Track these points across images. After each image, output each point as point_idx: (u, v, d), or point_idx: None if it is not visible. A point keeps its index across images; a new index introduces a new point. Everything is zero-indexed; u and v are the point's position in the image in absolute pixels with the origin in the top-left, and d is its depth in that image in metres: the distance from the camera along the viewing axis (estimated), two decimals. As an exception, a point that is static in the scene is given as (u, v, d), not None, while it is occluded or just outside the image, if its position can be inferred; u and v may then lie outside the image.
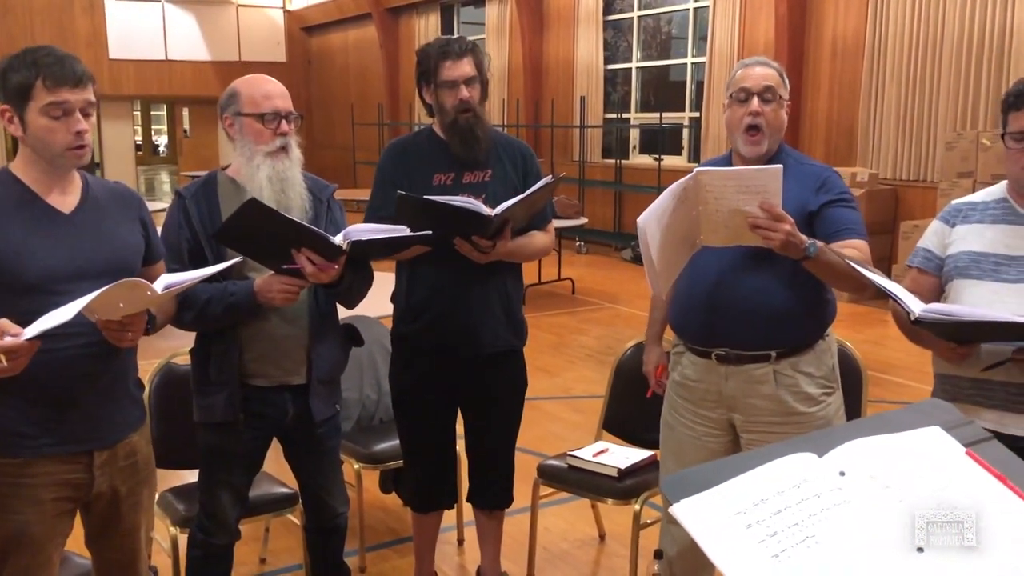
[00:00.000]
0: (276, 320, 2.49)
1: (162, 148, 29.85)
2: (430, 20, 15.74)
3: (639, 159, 11.91)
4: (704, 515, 1.04)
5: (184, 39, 18.49)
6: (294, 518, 3.05)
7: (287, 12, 19.67)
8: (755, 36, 9.77)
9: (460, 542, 3.59)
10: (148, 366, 2.79)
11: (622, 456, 3.16)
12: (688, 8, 11.10)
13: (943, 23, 7.99)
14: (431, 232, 2.46)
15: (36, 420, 1.99)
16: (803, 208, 2.36)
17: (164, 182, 23.76)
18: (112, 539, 2.20)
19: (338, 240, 2.31)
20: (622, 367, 3.40)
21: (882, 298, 2.13)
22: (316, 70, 19.78)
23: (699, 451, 2.52)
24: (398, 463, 3.28)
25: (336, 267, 2.34)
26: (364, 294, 2.62)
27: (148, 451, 2.25)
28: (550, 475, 3.24)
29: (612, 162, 11.94)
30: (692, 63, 11.18)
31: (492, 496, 3.03)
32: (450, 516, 3.37)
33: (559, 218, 8.26)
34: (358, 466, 3.35)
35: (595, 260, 11.00)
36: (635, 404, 3.15)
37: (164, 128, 29.73)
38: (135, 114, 22.64)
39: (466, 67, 2.71)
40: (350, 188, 13.59)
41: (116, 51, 17.77)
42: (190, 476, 2.85)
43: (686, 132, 11.29)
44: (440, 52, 2.72)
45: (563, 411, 5.29)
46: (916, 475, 1.09)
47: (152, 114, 29.34)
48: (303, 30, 19.77)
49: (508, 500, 3.05)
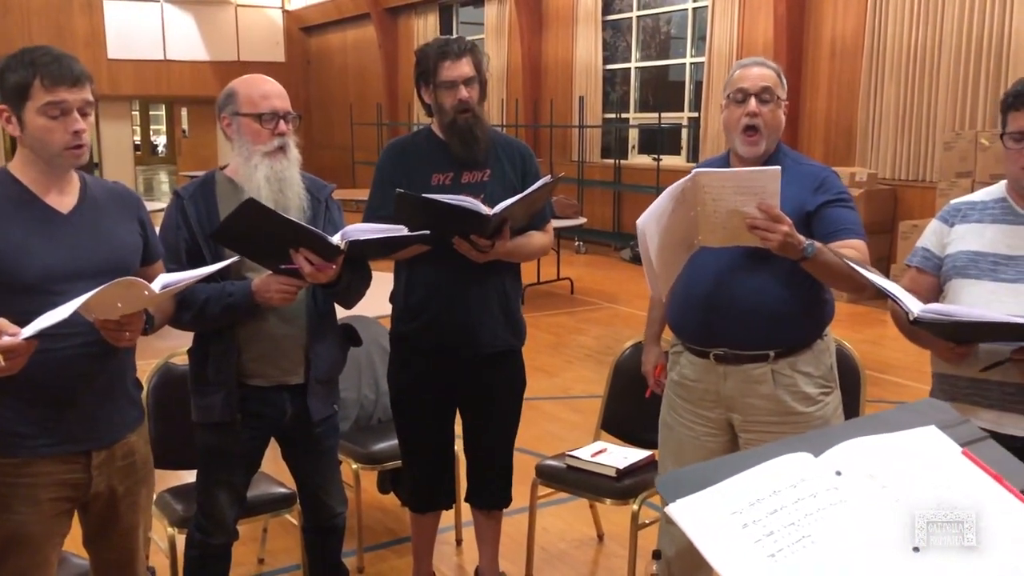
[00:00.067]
0: (274, 320, 2.49)
1: (161, 148, 29.84)
2: (429, 20, 15.74)
3: (638, 159, 11.91)
4: (700, 515, 1.04)
5: (183, 39, 18.48)
6: (292, 518, 3.05)
7: (286, 12, 19.67)
8: (754, 36, 9.78)
9: (458, 542, 3.59)
10: (146, 366, 2.79)
11: (620, 456, 3.16)
12: (687, 8, 11.11)
13: (942, 23, 7.99)
14: (429, 232, 2.46)
15: (34, 420, 1.99)
16: (801, 208, 2.36)
17: (163, 182, 23.76)
18: (110, 539, 2.20)
19: (336, 240, 2.31)
20: (621, 367, 3.40)
21: (881, 298, 2.14)
22: (315, 70, 19.78)
23: (698, 451, 2.52)
24: (396, 463, 3.28)
25: (334, 267, 2.34)
26: (362, 294, 2.62)
27: (146, 451, 2.25)
28: (548, 475, 3.24)
29: (611, 162, 11.94)
30: (691, 63, 11.19)
31: (490, 496, 3.03)
32: (448, 516, 3.37)
33: (558, 218, 8.26)
34: (356, 466, 3.35)
35: (594, 260, 11.01)
36: (634, 404, 3.15)
37: (163, 128, 29.72)
38: (134, 114, 22.62)
39: (465, 67, 2.71)
40: (349, 188, 13.58)
41: (115, 51, 17.76)
42: (188, 476, 2.85)
43: (685, 132, 11.30)
44: (439, 52, 2.72)
45: (562, 411, 5.29)
46: (912, 474, 1.09)
47: (151, 114, 29.33)
48: (302, 30, 19.77)
49: (506, 500, 3.05)
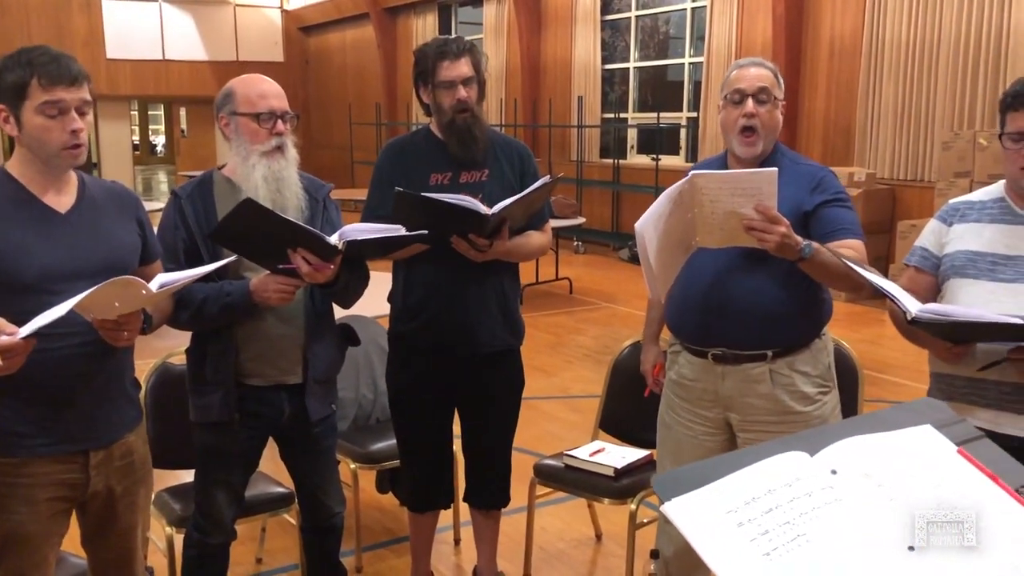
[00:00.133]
0: (272, 320, 2.49)
1: (159, 148, 29.83)
2: (428, 20, 15.74)
3: (637, 159, 11.91)
4: (695, 513, 1.04)
5: (181, 39, 18.46)
6: (290, 518, 3.05)
7: (284, 12, 19.65)
8: (753, 36, 9.78)
9: (457, 542, 3.60)
10: (144, 366, 2.79)
11: (618, 456, 3.17)
12: (686, 8, 11.11)
13: (940, 23, 8.00)
14: (427, 232, 2.46)
15: (32, 419, 1.99)
16: (798, 208, 2.36)
17: (162, 182, 23.75)
18: (108, 539, 2.20)
19: (334, 240, 2.31)
20: (619, 366, 3.40)
21: (879, 298, 2.14)
22: (314, 70, 19.77)
23: (696, 450, 2.52)
24: (395, 463, 3.28)
25: (332, 267, 2.34)
26: (360, 293, 2.63)
27: (144, 451, 2.25)
28: (547, 475, 3.24)
29: (610, 162, 11.95)
30: (690, 63, 11.19)
31: (489, 496, 3.03)
32: (447, 516, 3.37)
33: (557, 218, 8.26)
34: (354, 466, 3.35)
35: (593, 260, 11.01)
36: (632, 403, 3.15)
37: (161, 128, 29.72)
38: (132, 114, 22.61)
39: (464, 67, 2.71)
40: (348, 188, 13.59)
41: (113, 51, 17.75)
42: (186, 476, 2.85)
43: (684, 132, 11.30)
44: (438, 52, 2.72)
45: (560, 411, 5.29)
46: (908, 473, 1.09)
47: (149, 114, 29.31)
48: (300, 30, 19.75)
49: (505, 500, 3.05)
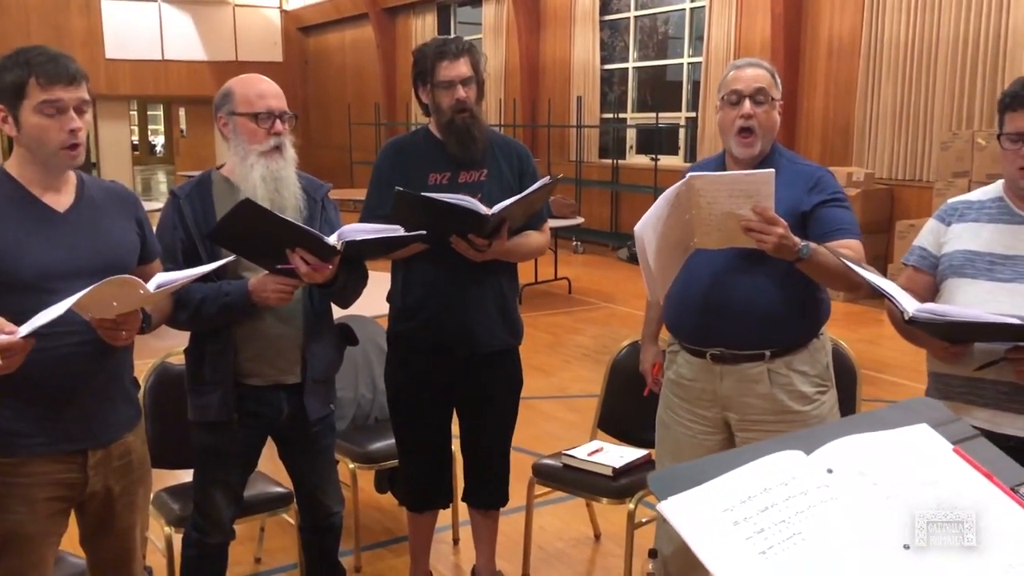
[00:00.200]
0: (271, 319, 2.49)
1: (159, 148, 29.83)
2: (427, 20, 15.74)
3: (635, 159, 11.91)
4: (691, 512, 1.05)
5: (180, 39, 18.46)
6: (289, 517, 3.05)
7: (284, 12, 19.65)
8: (751, 36, 9.79)
9: (455, 541, 3.60)
10: (143, 366, 2.79)
11: (617, 455, 3.17)
12: (684, 8, 11.11)
13: (939, 23, 8.00)
14: (426, 232, 2.46)
15: (31, 419, 1.99)
16: (796, 208, 2.37)
17: (161, 182, 23.74)
18: (107, 539, 2.20)
19: (332, 240, 2.31)
20: (618, 366, 3.40)
21: (877, 297, 2.14)
22: (313, 70, 19.77)
23: (695, 449, 2.52)
24: (393, 462, 3.29)
25: (330, 267, 2.34)
26: (359, 293, 2.63)
27: (143, 450, 2.25)
28: (545, 474, 3.24)
29: (609, 162, 11.95)
30: (688, 63, 11.19)
31: (487, 495, 3.03)
32: (445, 515, 3.38)
33: (556, 218, 8.27)
34: (353, 465, 3.35)
35: (591, 260, 11.01)
36: (630, 403, 3.16)
37: (161, 128, 29.71)
38: (132, 114, 22.62)
39: (463, 67, 2.72)
40: (347, 188, 13.61)
41: (112, 51, 17.74)
42: (185, 476, 2.85)
43: (682, 132, 11.30)
44: (437, 52, 2.72)
45: (559, 410, 5.29)
46: (903, 472, 1.10)
47: (149, 114, 29.30)
48: (300, 30, 19.75)
49: (503, 499, 3.05)
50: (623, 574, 3.10)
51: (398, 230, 2.42)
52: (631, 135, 12.11)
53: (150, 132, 30.15)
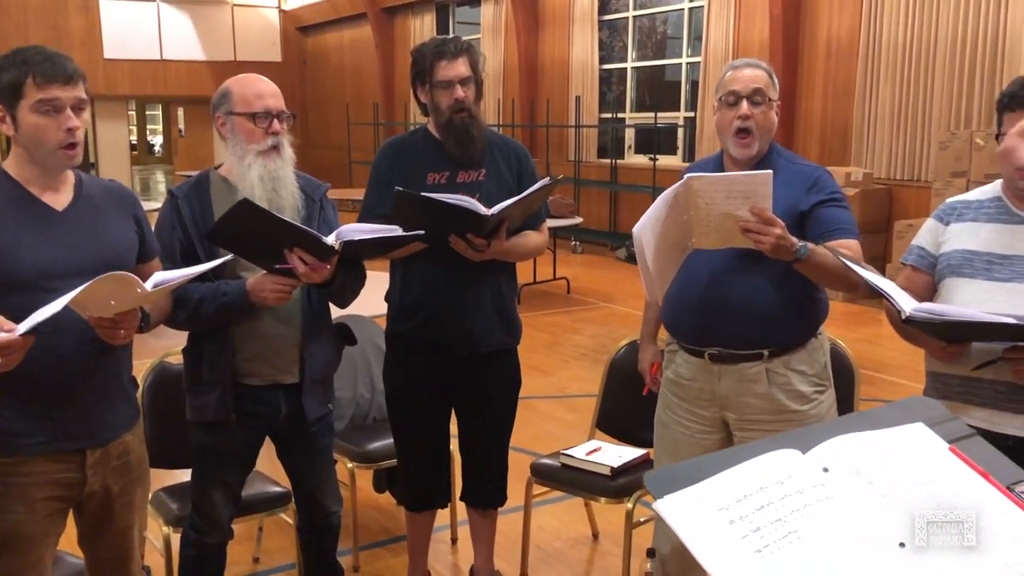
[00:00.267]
0: (269, 319, 2.49)
1: (157, 148, 29.81)
2: (425, 20, 15.73)
3: (634, 159, 11.91)
4: (688, 510, 1.05)
5: (179, 39, 18.44)
6: (287, 517, 3.05)
7: (282, 12, 19.64)
8: (750, 36, 9.79)
9: (454, 541, 3.60)
10: (141, 365, 2.78)
11: (615, 455, 3.17)
12: (683, 8, 11.11)
13: (937, 23, 8.00)
14: (424, 231, 2.47)
15: (29, 417, 1.99)
16: (794, 208, 2.37)
17: (159, 182, 23.73)
18: (105, 538, 2.20)
19: (330, 240, 2.32)
20: (616, 365, 3.40)
21: (876, 297, 2.14)
22: (312, 70, 19.76)
23: (694, 448, 2.52)
24: (392, 462, 3.29)
25: (328, 267, 2.34)
26: (357, 293, 2.63)
27: (141, 450, 2.25)
28: (543, 474, 3.24)
29: (607, 162, 11.95)
30: (687, 63, 11.19)
31: (486, 495, 3.03)
32: (444, 515, 3.38)
33: (554, 217, 8.27)
34: (352, 465, 3.35)
35: (590, 259, 11.02)
36: (629, 402, 3.16)
37: (159, 128, 29.69)
38: (130, 114, 22.60)
39: (461, 67, 2.72)
40: (346, 188, 13.60)
41: (111, 51, 17.72)
42: (183, 475, 2.85)
43: (681, 132, 11.30)
44: (435, 52, 2.72)
45: (557, 410, 5.29)
46: (899, 471, 1.10)
47: (147, 114, 29.29)
48: (298, 30, 19.74)
49: (502, 499, 3.05)
50: (621, 573, 3.10)
51: (396, 230, 2.42)
52: (630, 135, 12.11)
53: (148, 132, 30.14)
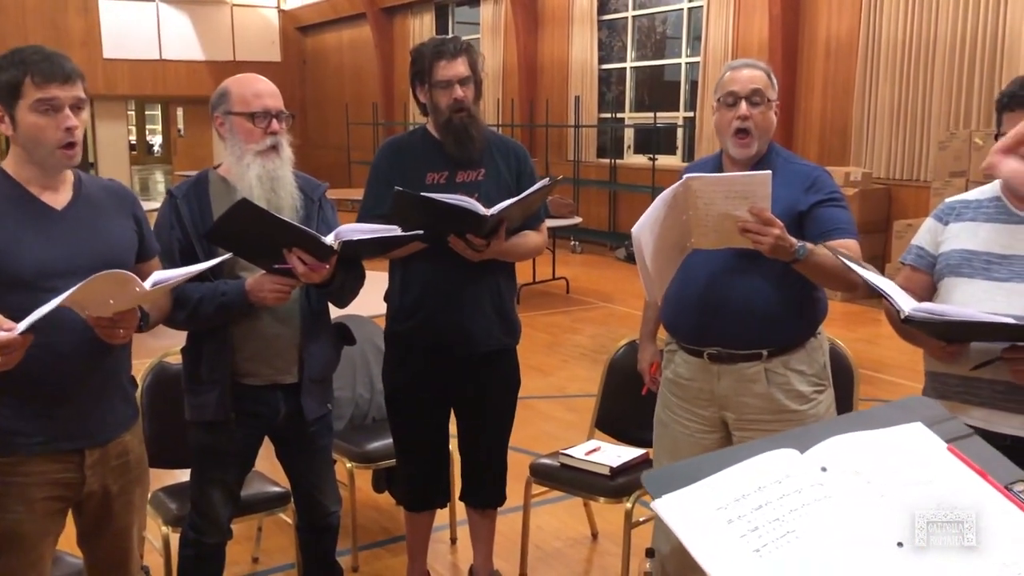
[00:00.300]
0: (268, 319, 2.49)
1: (156, 148, 29.81)
2: (425, 20, 15.73)
3: (633, 159, 11.91)
4: (686, 510, 1.05)
5: (178, 39, 18.44)
6: (286, 517, 3.05)
7: (282, 12, 19.63)
8: (749, 36, 9.79)
9: (453, 541, 3.60)
10: (140, 365, 2.78)
11: (614, 455, 3.17)
12: (682, 8, 11.11)
13: (936, 23, 8.01)
14: (424, 231, 2.47)
15: (28, 417, 1.99)
16: (793, 208, 2.37)
17: (159, 182, 23.73)
18: (104, 538, 2.20)
19: (329, 240, 2.32)
20: (615, 365, 3.40)
21: (875, 297, 2.14)
22: (311, 70, 19.76)
23: (693, 448, 2.53)
24: (391, 462, 3.29)
25: (327, 267, 2.34)
26: (356, 293, 2.63)
27: (140, 450, 2.25)
28: (543, 474, 3.25)
29: (607, 162, 11.95)
30: (686, 63, 11.20)
31: (485, 495, 3.04)
32: (443, 515, 3.38)
33: (553, 217, 8.27)
34: (351, 465, 3.35)
35: (589, 259, 11.02)
36: (628, 402, 3.16)
37: (158, 128, 29.69)
38: (129, 114, 22.59)
39: (460, 67, 2.72)
40: (345, 188, 13.60)
41: (110, 51, 17.71)
42: (182, 475, 2.85)
43: (680, 132, 11.30)
44: (434, 52, 2.72)
45: (556, 410, 5.29)
46: (897, 471, 1.10)
47: (147, 114, 29.29)
48: (298, 30, 19.74)
49: (501, 499, 3.06)
50: (620, 573, 3.10)
51: (395, 230, 2.43)
52: (629, 135, 12.11)
53: (148, 132, 30.14)
